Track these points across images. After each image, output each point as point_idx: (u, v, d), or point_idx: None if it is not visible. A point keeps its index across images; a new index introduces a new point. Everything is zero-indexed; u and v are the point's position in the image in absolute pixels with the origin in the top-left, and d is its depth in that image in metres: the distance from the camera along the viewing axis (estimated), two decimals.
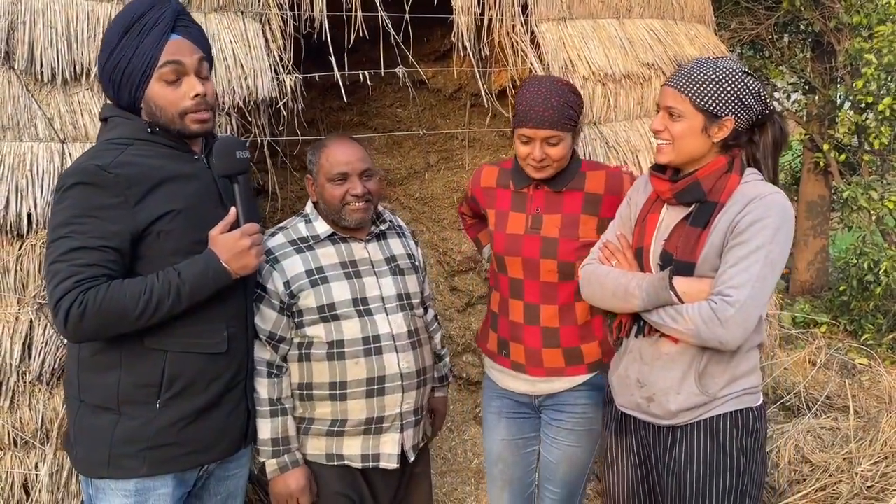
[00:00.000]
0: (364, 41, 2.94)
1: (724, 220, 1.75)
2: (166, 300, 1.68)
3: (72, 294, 1.62)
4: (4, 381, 2.28)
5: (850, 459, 3.18)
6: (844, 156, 5.72)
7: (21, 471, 2.31)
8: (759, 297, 1.69)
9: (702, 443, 1.83)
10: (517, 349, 2.20)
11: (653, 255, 1.87)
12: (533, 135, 2.03)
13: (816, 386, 4.20)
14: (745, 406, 1.84)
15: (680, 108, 1.78)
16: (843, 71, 5.70)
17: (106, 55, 1.78)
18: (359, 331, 2.02)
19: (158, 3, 1.79)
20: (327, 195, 2.04)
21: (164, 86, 1.77)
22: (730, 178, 1.78)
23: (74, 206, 1.66)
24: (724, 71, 1.76)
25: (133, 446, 1.75)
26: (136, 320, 1.67)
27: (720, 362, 1.81)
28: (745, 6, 5.94)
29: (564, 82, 2.10)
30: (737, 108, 1.76)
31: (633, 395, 1.92)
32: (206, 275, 1.73)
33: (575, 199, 2.13)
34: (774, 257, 1.70)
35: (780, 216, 1.70)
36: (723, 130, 1.78)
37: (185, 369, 1.78)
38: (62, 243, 1.65)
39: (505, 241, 2.18)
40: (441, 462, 3.78)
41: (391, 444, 2.07)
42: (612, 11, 3.29)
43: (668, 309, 1.78)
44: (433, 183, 4.58)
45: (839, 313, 5.51)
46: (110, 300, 1.63)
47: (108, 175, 1.67)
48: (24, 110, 2.37)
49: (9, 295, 2.31)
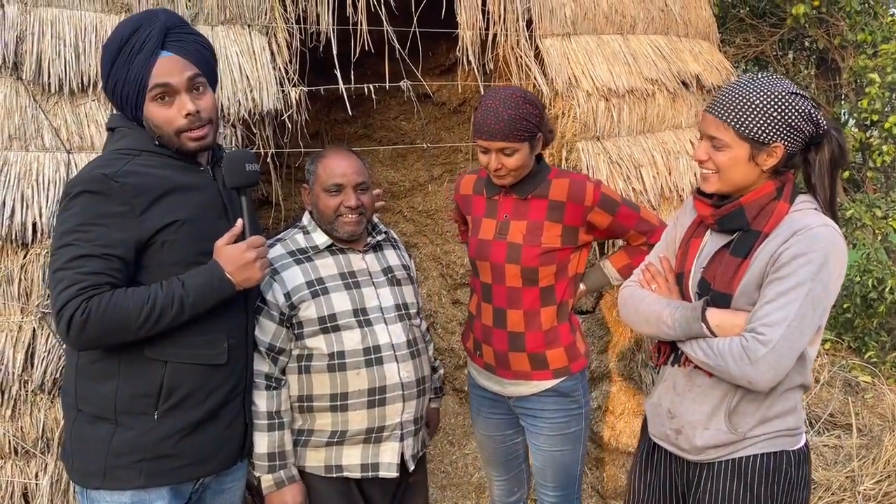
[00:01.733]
0: (369, 54, 2.96)
1: (766, 251, 1.63)
2: (169, 310, 1.68)
3: (75, 301, 1.62)
4: (6, 390, 2.28)
5: (852, 478, 3.16)
6: (848, 173, 5.71)
7: (21, 480, 2.31)
8: (795, 337, 1.57)
9: (728, 484, 1.73)
10: (488, 351, 2.27)
11: (692, 281, 1.78)
12: (487, 146, 2.10)
13: (819, 403, 4.18)
14: (780, 449, 1.72)
15: (723, 139, 1.65)
16: (847, 88, 5.72)
17: (105, 76, 1.80)
18: (359, 341, 2.02)
19: (145, 22, 1.77)
20: (321, 205, 2.05)
21: (158, 105, 1.76)
22: (777, 206, 1.65)
23: (80, 213, 1.67)
24: (768, 94, 1.62)
25: (129, 457, 1.74)
26: (138, 330, 1.67)
27: (754, 401, 1.70)
28: (749, 23, 5.96)
29: (521, 94, 2.11)
30: (786, 133, 1.62)
31: (664, 426, 1.85)
32: (211, 286, 1.73)
33: (540, 206, 2.18)
34: (816, 295, 1.58)
35: (825, 251, 1.57)
36: (772, 157, 1.65)
37: (184, 380, 1.77)
38: (67, 251, 1.65)
39: (476, 246, 2.26)
40: (441, 476, 3.77)
41: (390, 452, 2.07)
42: (616, 27, 3.30)
43: (700, 341, 1.69)
44: (436, 196, 4.59)
45: (843, 330, 5.49)
46: (113, 309, 1.64)
47: (114, 184, 1.68)
48: (31, 120, 2.39)
49: (12, 304, 2.32)
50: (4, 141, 2.34)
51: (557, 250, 2.16)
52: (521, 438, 2.42)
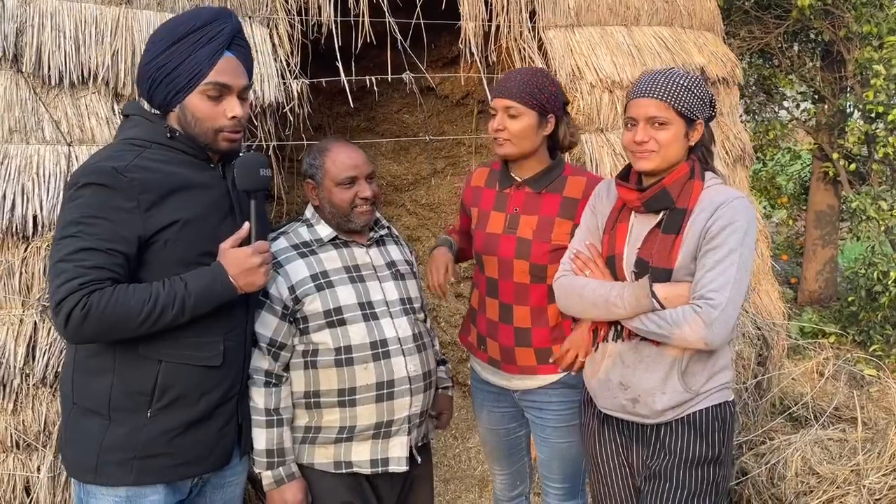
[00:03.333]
0: (371, 47, 2.94)
1: (696, 225, 1.82)
2: (170, 310, 1.67)
3: (75, 296, 1.60)
4: (8, 383, 2.28)
5: (857, 471, 3.14)
6: (854, 165, 5.69)
7: (23, 473, 2.31)
8: (738, 297, 1.77)
9: (686, 436, 1.91)
10: (493, 346, 2.25)
11: (626, 262, 1.92)
12: (496, 104, 2.13)
13: (824, 397, 4.16)
14: (723, 400, 1.94)
15: (665, 116, 1.83)
16: (852, 80, 5.68)
17: (154, 53, 1.76)
18: (366, 335, 2.00)
19: (221, 18, 1.79)
20: (336, 199, 2.03)
21: (205, 100, 1.77)
22: (694, 184, 1.86)
23: (86, 205, 1.65)
24: (688, 77, 1.86)
25: (121, 454, 1.72)
26: (137, 327, 1.65)
27: (700, 360, 1.89)
28: (754, 15, 5.92)
29: (543, 70, 2.20)
30: (705, 110, 1.88)
31: (617, 398, 1.96)
32: (213, 288, 1.72)
33: (553, 201, 2.17)
34: (746, 258, 1.79)
35: (746, 220, 1.79)
36: (697, 133, 1.88)
37: (177, 380, 1.75)
38: (70, 242, 1.63)
39: (484, 240, 2.23)
40: (445, 469, 3.77)
41: (400, 447, 2.06)
42: (620, 19, 3.28)
43: (650, 316, 1.84)
44: (439, 189, 4.58)
45: (848, 324, 5.48)
46: (114, 305, 1.62)
47: (122, 178, 1.66)
48: (32, 113, 2.38)
49: (13, 297, 2.32)
50: (5, 134, 2.33)
51: (565, 249, 2.14)
52: (524, 432, 2.42)
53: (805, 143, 6.77)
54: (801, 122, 6.49)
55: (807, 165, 7.43)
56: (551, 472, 2.34)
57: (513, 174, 2.23)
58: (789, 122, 6.52)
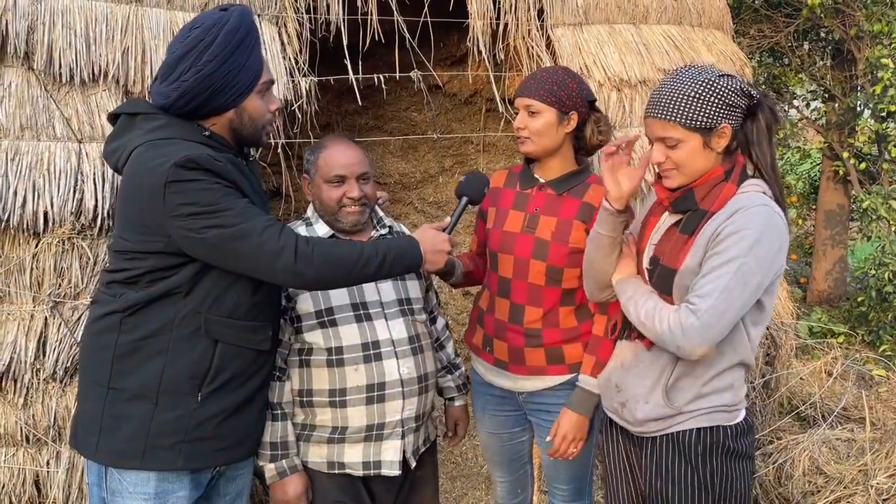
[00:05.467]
0: (379, 45, 2.95)
1: (709, 228, 1.72)
2: (374, 260, 1.75)
3: (290, 233, 1.68)
4: (18, 378, 2.30)
5: (865, 471, 3.13)
6: (864, 164, 5.66)
7: (33, 467, 2.33)
8: (723, 308, 1.64)
9: (668, 457, 1.82)
10: (501, 347, 2.22)
11: (645, 257, 1.89)
12: (518, 103, 2.15)
13: (832, 397, 4.15)
14: (717, 424, 1.80)
15: (674, 135, 1.73)
16: (863, 79, 5.65)
17: (218, 63, 1.73)
18: (357, 337, 2.00)
19: (251, 15, 1.84)
20: (324, 196, 2.04)
21: (260, 98, 1.85)
22: (724, 188, 1.75)
23: (210, 190, 1.66)
24: (700, 83, 1.71)
25: (171, 437, 1.73)
26: (351, 269, 1.72)
27: (691, 376, 1.79)
28: (764, 13, 5.90)
29: (566, 68, 2.21)
30: (727, 112, 1.72)
31: (612, 399, 1.94)
32: (407, 253, 1.82)
33: (572, 204, 2.16)
34: (748, 269, 1.65)
35: (760, 229, 1.66)
36: (723, 138, 1.74)
37: (231, 362, 1.78)
38: (231, 211, 1.65)
39: (500, 238, 2.22)
40: (452, 466, 3.78)
41: (392, 451, 2.05)
42: (628, 17, 3.28)
43: (641, 300, 1.79)
44: (447, 187, 4.59)
45: (857, 324, 5.44)
46: (327, 245, 1.72)
47: (218, 163, 1.69)
48: (43, 110, 2.40)
49: (24, 293, 2.34)
50: (16, 131, 2.35)
51: (583, 252, 2.11)
52: (526, 437, 2.39)
53: (815, 142, 6.74)
54: (811, 120, 6.46)
55: (816, 164, 7.40)
56: (557, 473, 2.31)
57: (536, 174, 2.23)
58: (799, 120, 6.48)
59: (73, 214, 2.34)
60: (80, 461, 2.34)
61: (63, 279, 2.36)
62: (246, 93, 1.81)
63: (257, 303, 1.81)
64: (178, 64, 1.74)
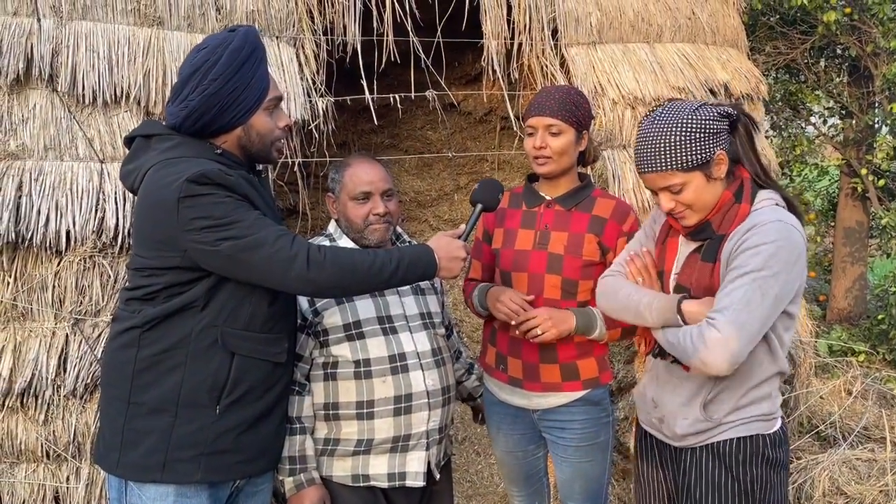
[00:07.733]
0: (395, 65, 2.98)
1: (726, 249, 1.73)
2: (388, 267, 1.76)
3: (302, 242, 1.70)
4: (39, 395, 2.33)
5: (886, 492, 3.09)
6: (883, 181, 5.61)
7: (53, 483, 2.36)
8: (742, 319, 1.63)
9: (709, 465, 1.83)
10: (514, 364, 2.22)
11: (671, 284, 1.88)
12: (536, 123, 2.14)
13: (853, 416, 4.09)
14: (755, 433, 1.81)
15: (676, 182, 1.74)
16: (880, 96, 5.62)
17: (223, 81, 1.77)
18: (385, 349, 2.03)
19: (257, 33, 1.87)
20: (350, 214, 2.07)
21: (267, 115, 1.86)
22: (739, 209, 1.75)
23: (223, 203, 1.69)
24: (682, 122, 1.71)
25: (191, 450, 1.74)
26: (364, 277, 1.74)
27: (729, 389, 1.79)
28: (779, 31, 5.89)
29: (572, 86, 2.24)
30: (716, 139, 1.73)
31: (650, 414, 1.96)
32: (421, 260, 1.83)
33: (582, 218, 2.18)
34: (765, 280, 1.64)
35: (775, 242, 1.66)
36: (722, 164, 1.74)
37: (248, 374, 1.80)
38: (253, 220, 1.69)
39: (512, 258, 2.22)
40: (467, 485, 3.76)
41: (417, 461, 2.06)
42: (642, 36, 3.30)
43: (671, 329, 1.77)
44: (463, 205, 4.61)
45: (877, 342, 5.38)
46: (340, 253, 1.74)
47: (229, 178, 1.72)
48: (66, 131, 2.45)
49: (46, 310, 2.37)
50: (40, 151, 2.40)
51: (596, 265, 2.14)
52: (542, 453, 2.38)
53: (833, 159, 6.70)
54: (828, 137, 6.43)
55: (835, 181, 7.34)
56: (572, 491, 2.29)
57: (542, 193, 2.24)
58: (816, 137, 6.45)
59: (95, 233, 2.38)
60: (99, 477, 2.36)
61: (84, 297, 2.40)
62: (252, 110, 1.83)
63: (273, 315, 1.83)
64: (185, 84, 1.78)
